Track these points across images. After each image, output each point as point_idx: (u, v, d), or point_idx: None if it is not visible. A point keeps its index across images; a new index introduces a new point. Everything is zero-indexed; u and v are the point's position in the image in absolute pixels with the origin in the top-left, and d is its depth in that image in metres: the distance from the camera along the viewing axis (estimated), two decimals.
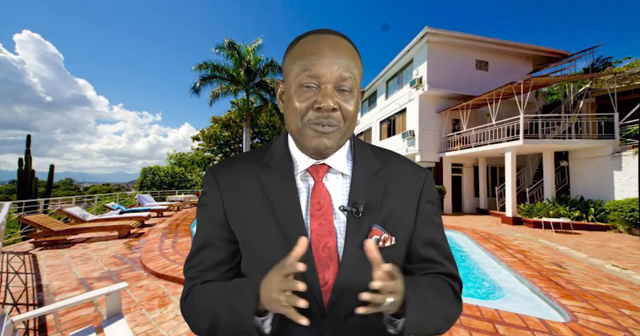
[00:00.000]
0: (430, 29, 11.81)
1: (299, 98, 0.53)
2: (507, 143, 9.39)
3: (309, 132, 0.54)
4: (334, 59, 0.51)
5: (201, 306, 0.55)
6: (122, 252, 5.00)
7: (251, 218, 0.59)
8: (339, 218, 0.59)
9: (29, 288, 3.28)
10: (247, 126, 16.52)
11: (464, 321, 2.45)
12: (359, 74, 0.56)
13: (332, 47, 0.52)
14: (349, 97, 0.54)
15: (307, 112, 0.53)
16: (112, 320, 1.81)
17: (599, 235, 7.20)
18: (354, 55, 0.55)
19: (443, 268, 0.62)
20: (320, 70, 0.51)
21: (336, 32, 0.55)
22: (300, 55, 0.53)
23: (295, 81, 0.53)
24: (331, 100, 0.51)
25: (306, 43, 0.54)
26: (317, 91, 0.52)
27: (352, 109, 0.54)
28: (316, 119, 0.53)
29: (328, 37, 0.53)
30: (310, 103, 0.52)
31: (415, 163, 0.68)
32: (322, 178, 0.61)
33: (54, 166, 13.00)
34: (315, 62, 0.51)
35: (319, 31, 0.55)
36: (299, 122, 0.54)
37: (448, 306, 0.56)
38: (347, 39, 0.56)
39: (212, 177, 0.64)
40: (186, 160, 31.01)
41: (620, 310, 2.81)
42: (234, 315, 0.50)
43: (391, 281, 0.46)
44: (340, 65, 0.52)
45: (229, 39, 14.27)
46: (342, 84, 0.52)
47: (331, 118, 0.52)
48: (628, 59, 14.64)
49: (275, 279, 0.46)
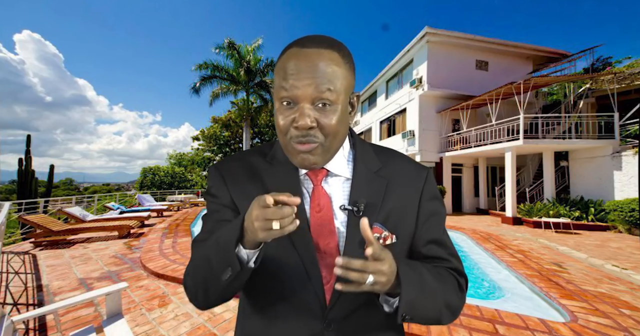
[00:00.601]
0: (430, 29, 11.80)
1: (281, 115, 0.53)
2: (507, 143, 9.39)
3: (292, 149, 0.55)
4: (310, 75, 0.50)
5: (194, 261, 0.55)
6: (122, 252, 5.00)
7: None
8: (340, 218, 0.59)
9: (29, 288, 3.28)
10: (247, 126, 16.52)
11: (464, 321, 2.45)
12: (343, 83, 0.53)
13: (308, 62, 0.50)
14: (330, 111, 0.52)
15: (289, 129, 0.53)
16: (112, 320, 1.81)
17: (599, 235, 7.20)
18: (337, 63, 0.52)
19: (448, 264, 0.62)
20: (295, 92, 0.50)
21: (321, 42, 0.52)
22: (280, 69, 0.53)
23: (277, 97, 0.54)
24: (308, 118, 0.50)
25: (287, 58, 0.52)
26: (296, 109, 0.52)
27: (333, 123, 0.53)
28: (296, 138, 0.53)
29: (308, 52, 0.51)
30: (290, 120, 0.53)
31: (416, 162, 0.68)
32: (321, 181, 0.61)
33: (54, 166, 13.00)
34: (290, 82, 0.50)
35: (303, 42, 0.53)
36: (283, 138, 0.55)
37: (449, 294, 0.55)
38: (333, 47, 0.53)
39: (217, 172, 0.65)
40: (186, 160, 31.01)
41: (620, 310, 2.81)
42: (219, 249, 0.49)
43: (374, 262, 0.46)
44: (315, 80, 0.50)
45: (229, 39, 14.27)
46: (320, 99, 0.51)
47: (310, 136, 0.52)
48: (628, 59, 14.65)
49: (254, 208, 0.45)
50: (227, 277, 0.48)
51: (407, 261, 0.53)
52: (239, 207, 0.62)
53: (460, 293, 0.59)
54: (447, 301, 0.55)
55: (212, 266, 0.50)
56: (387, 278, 0.47)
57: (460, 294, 0.58)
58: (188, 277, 0.57)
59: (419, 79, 12.45)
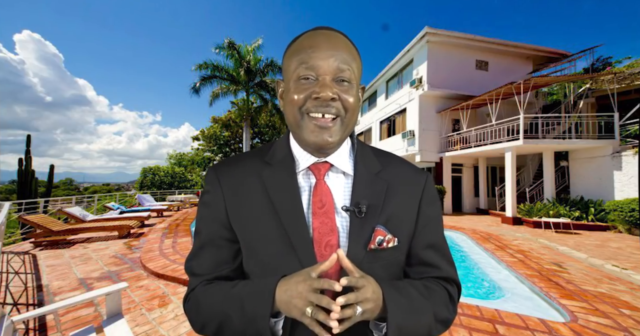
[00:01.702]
0: (430, 29, 11.80)
1: (297, 90, 0.53)
2: (507, 143, 9.39)
3: (309, 125, 0.54)
4: (331, 51, 0.52)
5: (208, 308, 0.55)
6: (122, 252, 5.00)
7: (253, 217, 0.59)
8: (342, 217, 0.59)
9: (29, 288, 3.28)
10: (247, 126, 16.52)
11: (464, 321, 2.45)
12: (357, 68, 0.56)
13: (328, 40, 0.53)
14: (348, 87, 0.54)
15: (305, 102, 0.53)
16: (112, 320, 1.81)
17: (599, 235, 7.20)
18: (351, 49, 0.56)
19: (441, 273, 0.62)
20: (318, 62, 0.51)
21: (333, 29, 0.56)
22: (298, 50, 0.54)
23: (294, 75, 0.54)
24: (329, 90, 0.51)
25: (303, 39, 0.54)
26: (315, 83, 0.52)
27: (352, 100, 0.54)
28: (315, 108, 0.52)
29: (325, 32, 0.54)
30: (309, 93, 0.52)
31: (415, 166, 0.68)
32: (323, 176, 0.61)
33: (54, 166, 13.00)
34: (312, 55, 0.51)
35: (316, 28, 0.56)
36: (297, 113, 0.54)
37: (439, 309, 0.55)
38: (344, 35, 0.57)
39: (214, 176, 0.64)
40: (186, 160, 31.00)
41: (620, 310, 2.81)
42: (246, 317, 0.49)
43: (354, 293, 0.46)
44: (337, 57, 0.52)
45: (229, 39, 14.27)
46: (340, 75, 0.52)
47: (331, 107, 0.52)
48: (628, 59, 14.66)
49: (301, 287, 0.46)
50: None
51: (392, 284, 0.53)
52: (233, 209, 0.61)
53: (452, 306, 0.58)
54: (437, 316, 0.54)
55: (234, 326, 0.51)
56: (373, 304, 0.47)
57: (452, 307, 0.58)
58: (194, 313, 0.57)
59: (419, 79, 12.45)
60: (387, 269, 0.59)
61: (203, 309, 0.55)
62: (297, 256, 0.55)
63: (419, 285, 0.57)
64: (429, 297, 0.55)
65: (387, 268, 0.59)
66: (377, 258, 0.57)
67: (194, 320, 0.57)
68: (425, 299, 0.54)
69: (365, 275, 0.50)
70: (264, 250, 0.58)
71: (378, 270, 0.58)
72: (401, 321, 0.49)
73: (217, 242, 0.61)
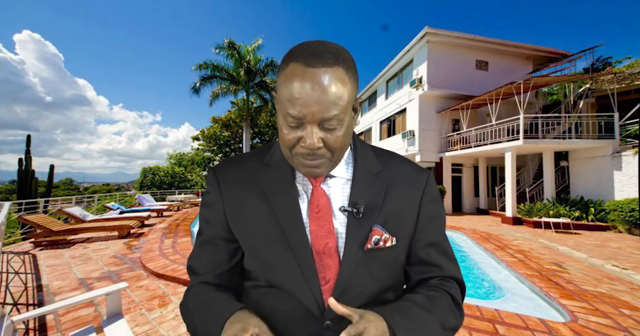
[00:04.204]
0: (430, 29, 11.80)
1: (286, 130, 0.52)
2: (507, 143, 9.39)
3: (298, 162, 0.54)
4: (317, 100, 0.48)
5: (188, 314, 0.59)
6: (122, 252, 5.00)
7: (252, 219, 0.60)
8: (339, 219, 0.59)
9: (29, 288, 3.28)
10: (247, 126, 16.52)
11: (464, 321, 2.45)
12: (349, 100, 0.52)
13: (315, 86, 0.47)
14: (337, 127, 0.52)
15: (295, 145, 0.53)
16: (112, 320, 1.81)
17: (599, 235, 7.20)
18: (344, 83, 0.50)
19: (443, 272, 0.61)
20: (302, 110, 0.48)
21: (326, 58, 0.48)
22: (286, 86, 0.49)
23: (282, 111, 0.52)
24: (315, 139, 0.50)
25: (292, 77, 0.49)
26: (302, 128, 0.51)
27: (339, 139, 0.53)
28: (302, 156, 0.53)
29: (313, 73, 0.48)
30: (297, 138, 0.52)
31: (416, 165, 0.67)
32: (320, 182, 0.61)
33: (54, 166, 13.00)
34: (297, 102, 0.48)
35: (308, 59, 0.48)
36: (288, 152, 0.55)
37: (447, 318, 0.55)
38: (338, 62, 0.49)
39: (214, 177, 0.65)
40: (186, 160, 31.01)
41: (620, 310, 2.81)
42: (206, 331, 0.52)
43: (353, 327, 0.46)
44: (324, 107, 0.48)
45: (229, 39, 14.28)
46: (327, 122, 0.50)
47: (316, 154, 0.52)
48: (628, 59, 14.65)
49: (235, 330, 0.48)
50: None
51: (395, 308, 0.53)
52: (231, 211, 0.62)
53: (457, 310, 0.58)
54: (445, 326, 0.54)
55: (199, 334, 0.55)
56: (377, 331, 0.47)
57: (457, 311, 0.58)
58: (183, 313, 0.61)
59: (419, 79, 12.45)
60: (387, 269, 0.59)
61: (186, 313, 0.59)
62: (295, 259, 0.56)
63: (421, 298, 0.56)
64: (434, 309, 0.54)
65: (386, 268, 0.59)
66: (375, 258, 0.57)
67: (183, 319, 0.61)
68: (430, 313, 0.53)
69: (366, 312, 0.50)
70: (263, 251, 0.58)
71: (377, 269, 0.58)
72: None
73: (215, 241, 0.63)
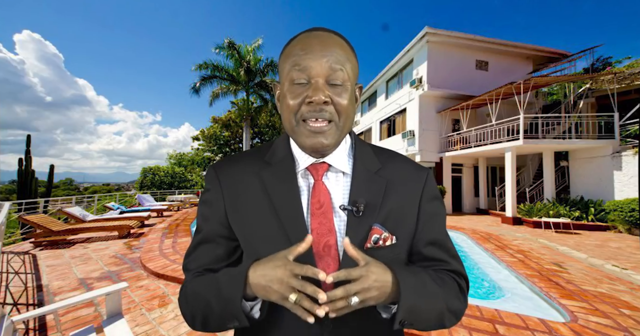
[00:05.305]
0: (430, 29, 11.80)
1: (291, 95, 0.53)
2: (507, 143, 9.39)
3: (304, 130, 0.54)
4: (323, 52, 0.52)
5: (192, 296, 0.56)
6: (122, 252, 5.00)
7: (252, 217, 0.60)
8: (340, 217, 0.59)
9: (29, 288, 3.28)
10: (247, 126, 16.51)
11: (464, 321, 2.45)
12: (351, 68, 0.55)
13: (321, 42, 0.53)
14: (342, 90, 0.53)
15: (299, 108, 0.53)
16: (112, 320, 1.81)
17: (599, 235, 7.20)
18: (345, 49, 0.55)
19: (448, 266, 0.61)
20: (309, 64, 0.51)
21: (327, 29, 0.56)
22: (291, 52, 0.54)
23: (287, 78, 0.54)
24: (322, 93, 0.51)
25: (296, 41, 0.54)
26: (308, 86, 0.52)
27: (345, 103, 0.54)
28: (309, 114, 0.53)
29: (318, 34, 0.54)
30: (302, 98, 0.52)
31: (416, 163, 0.67)
32: (322, 176, 0.61)
33: (54, 166, 13.00)
34: (304, 57, 0.51)
35: (310, 29, 0.56)
36: (292, 119, 0.55)
37: (451, 298, 0.55)
38: (339, 35, 0.56)
39: (214, 175, 0.65)
40: (186, 160, 31.00)
41: (620, 310, 2.81)
42: (222, 300, 0.50)
43: (348, 285, 0.46)
44: (329, 58, 0.52)
45: (229, 39, 14.28)
46: (332, 78, 0.52)
47: (324, 111, 0.52)
48: (628, 59, 14.65)
49: (281, 273, 0.46)
50: (233, 326, 0.50)
51: (406, 267, 0.53)
52: (232, 208, 0.61)
53: (462, 297, 0.58)
54: (449, 305, 0.54)
55: (214, 311, 0.51)
56: (377, 292, 0.46)
57: (462, 298, 0.58)
58: (184, 304, 0.57)
59: (419, 79, 12.45)
60: None
61: (190, 298, 0.56)
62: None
63: (432, 272, 0.56)
64: (442, 285, 0.54)
65: None
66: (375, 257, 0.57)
67: (184, 312, 0.58)
68: (439, 286, 0.53)
69: (373, 260, 0.49)
70: (263, 249, 0.58)
71: None
72: (413, 303, 0.48)
73: (214, 239, 0.62)
